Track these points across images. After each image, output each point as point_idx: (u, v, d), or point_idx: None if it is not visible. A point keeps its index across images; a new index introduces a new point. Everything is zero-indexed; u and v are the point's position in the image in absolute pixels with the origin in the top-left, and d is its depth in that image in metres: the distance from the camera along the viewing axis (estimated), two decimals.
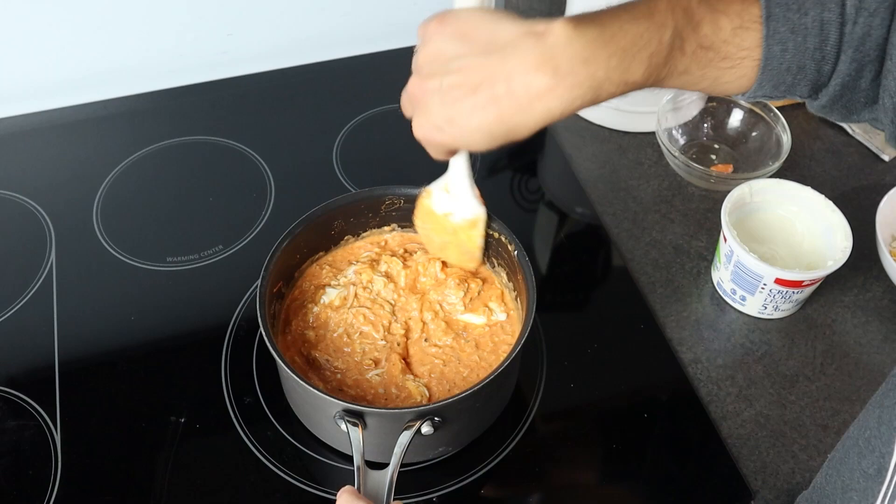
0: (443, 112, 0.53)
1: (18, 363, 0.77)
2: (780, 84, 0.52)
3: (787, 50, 0.50)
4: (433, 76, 0.54)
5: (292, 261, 0.75)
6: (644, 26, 0.49)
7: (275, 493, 0.69)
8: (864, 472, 0.46)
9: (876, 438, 0.46)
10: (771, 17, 0.50)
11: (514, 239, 0.71)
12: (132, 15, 0.98)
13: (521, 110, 0.50)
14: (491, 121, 0.52)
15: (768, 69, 0.51)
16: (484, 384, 0.62)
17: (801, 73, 0.51)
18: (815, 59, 0.51)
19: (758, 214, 0.84)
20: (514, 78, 0.50)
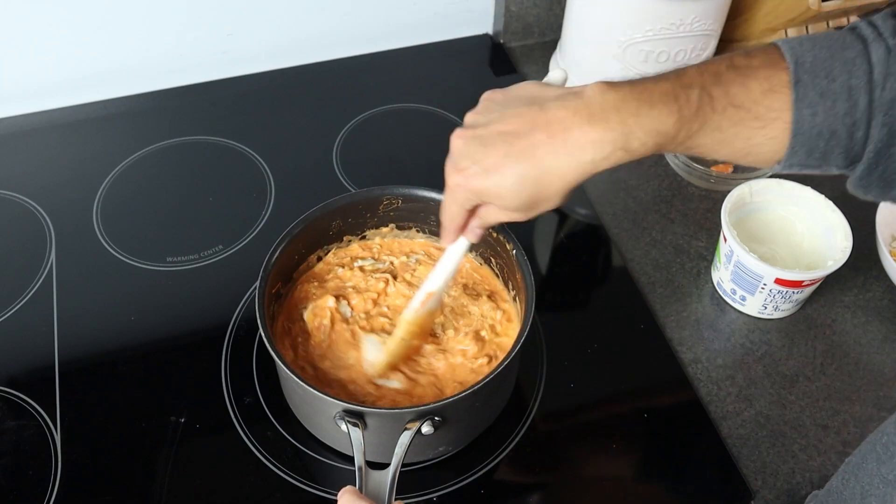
0: (485, 155, 0.56)
1: (18, 363, 0.77)
2: (814, 150, 0.51)
3: (816, 114, 0.50)
4: (478, 126, 0.58)
5: (291, 261, 0.75)
6: (672, 83, 0.53)
7: (275, 493, 0.69)
8: (884, 478, 0.47)
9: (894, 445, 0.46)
10: (799, 82, 0.50)
11: (513, 238, 0.71)
12: (132, 15, 0.98)
13: (557, 154, 0.54)
14: (525, 167, 0.54)
15: (800, 133, 0.51)
16: (483, 383, 0.62)
17: (833, 139, 0.50)
18: (846, 125, 0.50)
19: (758, 214, 0.84)
20: (552, 125, 0.54)
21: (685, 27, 0.90)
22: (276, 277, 0.72)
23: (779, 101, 0.51)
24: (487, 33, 1.15)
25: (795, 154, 0.52)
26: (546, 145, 0.54)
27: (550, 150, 0.54)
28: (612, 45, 0.93)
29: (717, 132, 0.52)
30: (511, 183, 0.55)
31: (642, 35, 0.91)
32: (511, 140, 0.55)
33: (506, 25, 1.11)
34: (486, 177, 0.56)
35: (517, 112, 0.56)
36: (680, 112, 0.52)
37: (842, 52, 0.50)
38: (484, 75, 1.11)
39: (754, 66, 0.52)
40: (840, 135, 0.50)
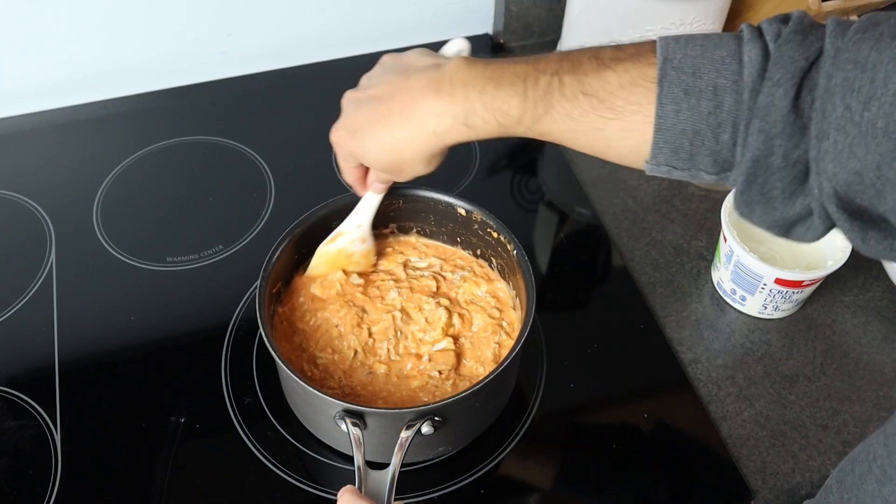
0: (353, 118, 0.62)
1: (18, 363, 0.77)
2: (679, 149, 0.50)
3: (680, 111, 0.49)
4: (361, 88, 0.63)
5: (292, 261, 0.75)
6: (527, 66, 0.54)
7: (275, 493, 0.69)
8: (887, 500, 0.46)
9: (890, 467, 0.46)
10: (665, 77, 0.49)
11: (514, 239, 0.71)
12: (132, 15, 0.98)
13: (405, 123, 0.57)
14: (379, 133, 0.59)
15: (663, 129, 0.50)
16: (484, 383, 0.62)
17: (697, 139, 0.49)
18: (710, 125, 0.49)
19: None
20: (406, 93, 0.57)
21: (685, 27, 0.90)
22: (277, 277, 0.72)
23: (637, 95, 0.50)
24: (487, 33, 1.15)
25: (660, 151, 0.51)
26: (397, 114, 0.58)
27: (400, 120, 0.58)
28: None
29: (568, 120, 0.52)
30: (370, 147, 0.61)
31: (642, 35, 0.91)
32: (375, 105, 0.60)
33: (506, 25, 1.11)
34: (351, 139, 0.62)
35: (388, 79, 0.60)
36: (525, 94, 0.52)
37: (713, 51, 0.49)
38: None
39: (619, 58, 0.51)
40: (705, 135, 0.49)
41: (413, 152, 0.59)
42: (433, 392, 0.69)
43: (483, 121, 0.54)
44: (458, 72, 0.55)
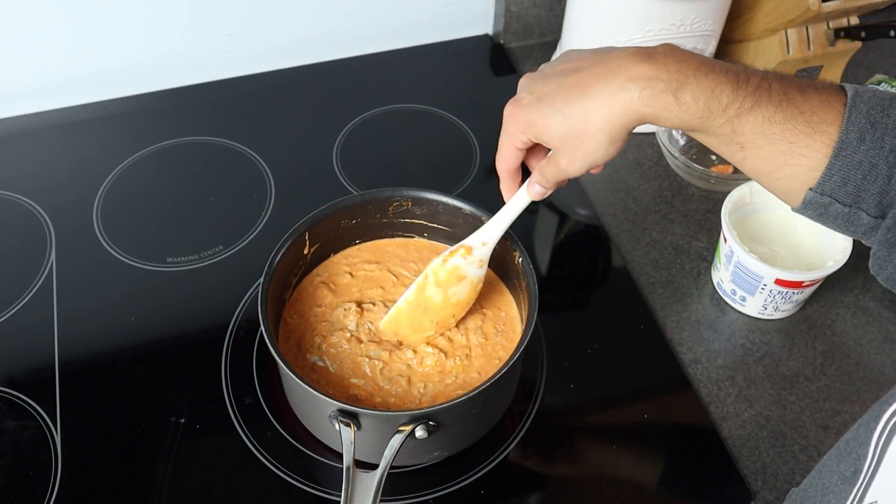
0: (541, 86, 0.58)
1: (18, 363, 0.77)
2: (849, 181, 0.50)
3: (863, 140, 0.49)
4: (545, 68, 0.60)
5: (296, 260, 0.74)
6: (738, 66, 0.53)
7: (275, 493, 0.69)
8: (842, 475, 0.46)
9: (854, 440, 0.46)
10: (854, 107, 0.50)
11: (520, 246, 0.71)
12: (132, 15, 0.98)
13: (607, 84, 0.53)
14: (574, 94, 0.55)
15: (842, 153, 0.50)
16: (480, 390, 0.62)
17: (871, 174, 0.50)
18: (889, 163, 0.49)
19: (758, 215, 0.84)
20: (611, 61, 0.54)
21: (685, 27, 0.90)
22: (281, 275, 0.71)
23: (831, 115, 0.51)
24: (487, 34, 1.15)
25: (830, 178, 0.51)
26: (600, 77, 0.54)
27: (603, 80, 0.54)
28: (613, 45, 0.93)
29: (767, 123, 0.52)
30: (557, 109, 0.56)
31: (642, 35, 0.91)
32: (569, 74, 0.56)
33: (506, 26, 1.11)
34: (536, 104, 0.57)
35: (583, 55, 0.57)
36: (737, 84, 0.52)
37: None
38: (484, 76, 1.11)
39: (817, 84, 0.52)
40: (880, 171, 0.50)
41: (604, 116, 0.54)
42: (433, 395, 0.69)
43: (693, 97, 0.51)
44: (671, 49, 0.53)
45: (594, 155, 0.57)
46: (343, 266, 0.78)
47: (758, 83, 0.52)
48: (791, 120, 0.51)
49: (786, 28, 0.97)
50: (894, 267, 0.52)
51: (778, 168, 0.53)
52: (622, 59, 0.53)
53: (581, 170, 0.58)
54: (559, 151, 0.58)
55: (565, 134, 0.56)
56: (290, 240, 0.71)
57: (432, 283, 0.70)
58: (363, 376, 0.70)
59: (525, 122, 0.58)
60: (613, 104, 0.53)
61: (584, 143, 0.56)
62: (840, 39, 0.99)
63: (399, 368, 0.70)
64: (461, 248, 0.69)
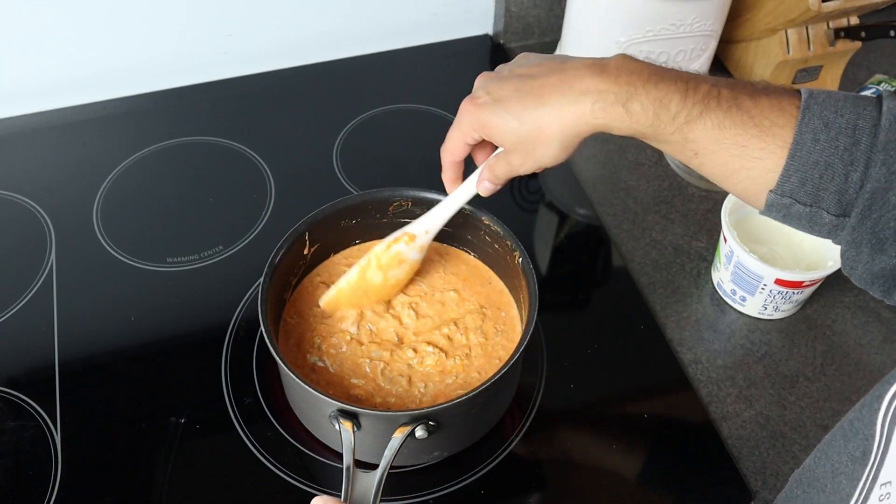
0: (498, 88, 0.60)
1: (18, 363, 0.77)
2: (807, 180, 0.51)
3: (818, 141, 0.50)
4: (499, 71, 0.62)
5: (297, 259, 0.74)
6: (687, 74, 0.55)
7: (275, 493, 0.69)
8: (851, 455, 0.47)
9: (859, 421, 0.47)
10: (808, 108, 0.51)
11: (520, 247, 0.71)
12: (133, 15, 0.98)
13: (561, 96, 0.56)
14: (529, 101, 0.58)
15: (797, 155, 0.51)
16: (480, 390, 0.62)
17: (828, 173, 0.51)
18: (844, 161, 0.50)
19: (758, 215, 0.84)
20: (567, 72, 0.57)
21: (685, 27, 0.90)
22: (281, 275, 0.71)
23: (783, 118, 0.52)
24: (487, 34, 1.15)
25: (788, 179, 0.52)
26: (554, 86, 0.57)
27: (557, 91, 0.56)
28: (612, 45, 0.93)
29: (717, 129, 0.53)
30: (510, 118, 0.59)
31: (642, 35, 0.91)
32: (525, 79, 0.59)
33: (506, 26, 1.11)
34: (492, 106, 0.59)
35: (540, 62, 0.60)
36: (686, 93, 0.53)
37: (855, 99, 0.51)
38: None
39: (770, 89, 0.54)
40: (836, 170, 0.50)
41: (558, 127, 0.57)
42: (433, 395, 0.69)
43: (642, 107, 0.54)
44: (624, 61, 0.56)
45: (545, 159, 0.60)
46: (343, 266, 0.78)
47: (707, 90, 0.54)
48: (741, 125, 0.53)
49: (786, 28, 0.97)
50: (864, 266, 0.53)
51: (734, 172, 0.54)
52: (577, 71, 0.56)
53: (531, 170, 0.62)
54: (511, 153, 0.61)
55: (519, 139, 0.59)
56: (290, 240, 0.71)
57: (374, 267, 0.72)
58: (363, 376, 0.70)
59: (479, 122, 0.61)
60: (567, 116, 0.56)
61: (536, 148, 0.59)
62: (840, 39, 0.99)
63: (400, 368, 0.70)
64: (405, 236, 0.72)
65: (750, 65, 1.03)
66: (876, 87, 1.00)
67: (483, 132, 0.61)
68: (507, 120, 0.59)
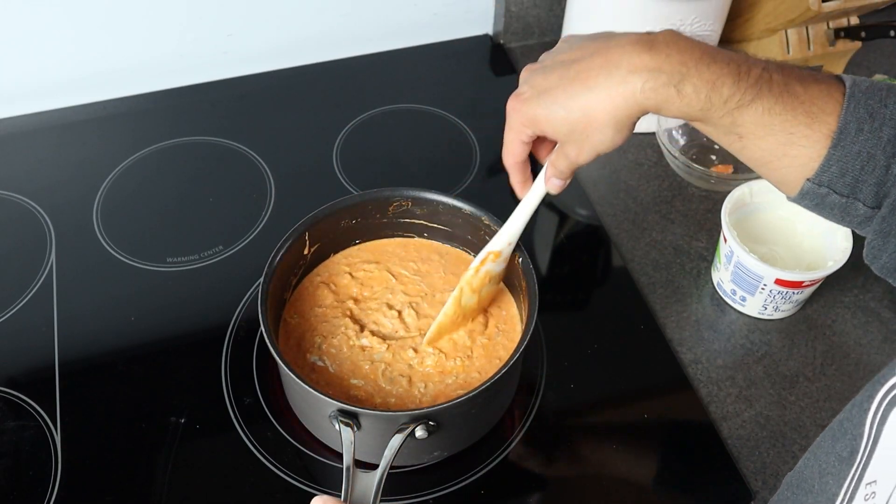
0: (542, 80, 0.57)
1: (18, 363, 0.77)
2: (847, 171, 0.51)
3: (861, 131, 0.50)
4: (542, 61, 0.59)
5: (297, 259, 0.74)
6: (740, 55, 0.53)
7: (275, 493, 0.69)
8: (839, 456, 0.47)
9: (848, 421, 0.47)
10: (853, 97, 0.50)
11: (520, 246, 0.71)
12: (133, 15, 0.98)
13: (609, 76, 0.53)
14: (576, 87, 0.54)
15: (840, 145, 0.50)
16: (480, 390, 0.62)
17: (869, 165, 0.50)
18: (887, 153, 0.49)
19: (758, 215, 0.84)
20: (612, 50, 0.53)
21: (685, 27, 0.90)
22: (281, 275, 0.71)
23: (831, 105, 0.51)
24: (487, 34, 1.15)
25: (829, 168, 0.51)
26: (600, 68, 0.54)
27: (604, 72, 0.53)
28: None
29: (768, 115, 0.51)
30: (560, 104, 0.56)
31: None
32: (569, 65, 0.56)
33: (506, 26, 1.11)
34: (538, 99, 0.57)
35: (583, 44, 0.56)
36: (738, 76, 0.51)
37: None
38: (484, 76, 1.11)
39: (818, 75, 0.52)
40: (877, 161, 0.50)
41: (608, 110, 0.54)
42: (434, 395, 0.69)
43: (694, 90, 0.51)
44: (673, 37, 0.52)
45: (602, 145, 0.57)
46: (343, 266, 0.78)
47: (759, 74, 0.52)
48: (791, 111, 0.51)
49: (786, 28, 0.97)
50: (888, 256, 0.52)
51: (777, 158, 0.53)
52: (623, 49, 0.53)
53: (591, 158, 0.59)
54: (566, 144, 0.59)
55: (570, 129, 0.56)
56: (290, 240, 0.71)
57: (468, 293, 0.71)
58: (363, 377, 0.70)
59: (529, 118, 0.58)
60: (615, 97, 0.53)
61: (589, 136, 0.56)
62: (840, 39, 0.99)
63: (400, 369, 0.70)
64: (490, 255, 0.70)
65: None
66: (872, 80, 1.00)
67: (534, 127, 0.59)
68: (555, 111, 0.56)
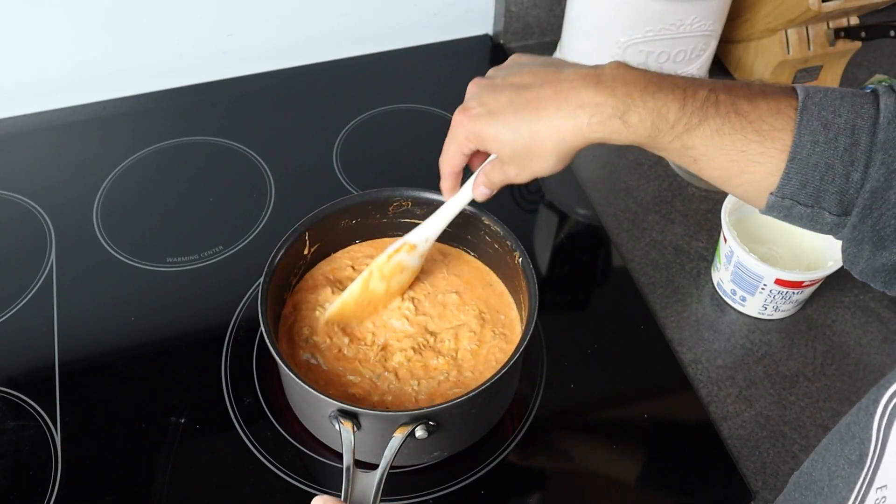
0: (493, 100, 0.60)
1: (18, 363, 0.77)
2: (808, 182, 0.51)
3: (817, 142, 0.50)
4: (496, 77, 0.61)
5: (297, 259, 0.74)
6: (685, 80, 0.55)
7: (275, 493, 0.69)
8: (848, 459, 0.47)
9: (855, 425, 0.47)
10: (806, 109, 0.51)
11: (520, 247, 0.71)
12: (133, 15, 0.98)
13: (558, 109, 0.56)
14: (525, 114, 0.57)
15: (797, 158, 0.51)
16: (480, 390, 0.62)
17: (829, 174, 0.50)
18: (844, 162, 0.50)
19: (758, 215, 0.84)
20: (561, 83, 0.56)
21: (685, 27, 0.90)
22: (281, 275, 0.71)
23: (782, 122, 0.52)
24: (487, 34, 1.15)
25: (789, 182, 0.52)
26: (550, 99, 0.56)
27: (553, 104, 0.56)
28: (612, 45, 0.93)
29: (717, 136, 0.53)
30: (509, 128, 0.58)
31: (642, 35, 0.91)
32: (520, 90, 0.58)
33: (506, 26, 1.11)
34: (487, 118, 0.59)
35: (534, 70, 0.59)
36: (684, 101, 0.53)
37: (851, 97, 0.51)
38: None
39: (767, 91, 0.53)
40: (837, 171, 0.50)
41: (555, 141, 0.57)
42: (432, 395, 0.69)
43: (640, 119, 0.54)
44: (619, 70, 0.55)
45: (543, 171, 0.60)
46: (346, 261, 0.78)
47: (705, 96, 0.53)
48: (740, 130, 0.52)
49: (786, 28, 0.97)
50: (865, 262, 0.53)
51: (734, 176, 0.54)
52: (572, 83, 0.56)
53: (527, 180, 0.62)
54: (508, 164, 0.61)
55: (515, 151, 0.59)
56: (290, 240, 0.71)
57: (377, 278, 0.72)
58: (359, 373, 0.70)
59: (474, 134, 0.61)
60: (563, 130, 0.56)
61: (532, 160, 0.59)
62: (840, 39, 0.99)
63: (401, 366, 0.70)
64: (405, 245, 0.71)
65: (750, 65, 1.03)
66: (876, 86, 1.00)
67: (478, 143, 0.61)
68: (503, 133, 0.59)
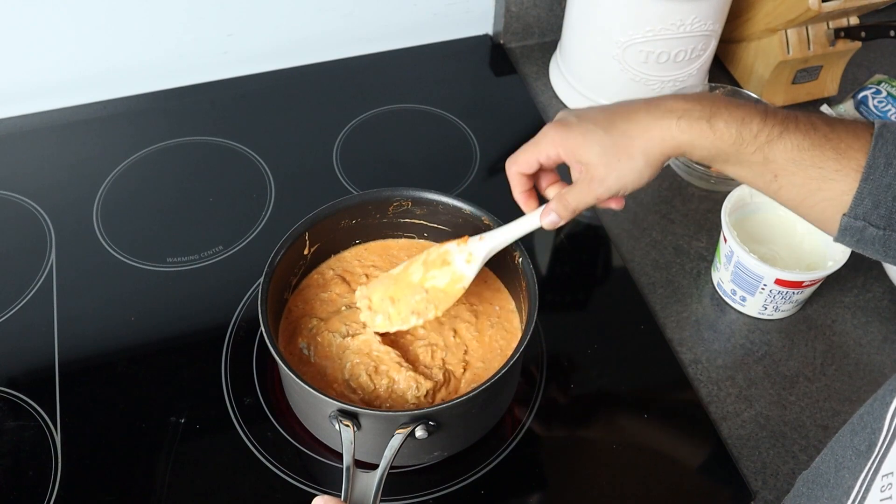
0: (581, 112, 0.62)
1: (18, 363, 0.77)
2: (881, 203, 0.52)
3: (891, 165, 0.52)
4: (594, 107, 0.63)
5: (296, 259, 0.74)
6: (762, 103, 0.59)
7: (275, 493, 0.69)
8: (856, 449, 0.47)
9: (868, 415, 0.47)
10: (881, 135, 0.53)
11: (520, 246, 0.71)
12: (132, 15, 0.98)
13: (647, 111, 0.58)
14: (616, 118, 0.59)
15: (871, 178, 0.52)
16: (480, 390, 0.62)
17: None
18: None
19: (758, 215, 0.84)
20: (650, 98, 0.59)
21: (685, 27, 0.90)
22: (281, 275, 0.71)
23: (858, 143, 0.53)
24: (487, 34, 1.15)
25: (862, 202, 0.53)
26: (640, 107, 0.59)
27: (643, 109, 0.59)
28: (612, 45, 0.93)
29: (796, 150, 0.54)
30: (599, 125, 0.60)
31: (642, 35, 0.91)
32: (613, 106, 0.61)
33: (506, 26, 1.11)
34: (578, 122, 0.60)
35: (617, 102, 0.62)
36: (766, 115, 0.56)
37: None
38: (484, 76, 1.11)
39: (844, 118, 0.56)
40: None
41: (644, 141, 0.58)
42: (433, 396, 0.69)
43: (725, 124, 0.56)
44: (704, 92, 0.61)
45: (628, 176, 0.60)
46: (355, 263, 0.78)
47: (785, 115, 0.56)
48: (819, 146, 0.54)
49: (786, 28, 0.97)
50: None
51: (811, 194, 0.55)
52: (661, 97, 0.59)
53: (610, 190, 0.61)
54: (593, 168, 0.60)
55: (604, 150, 0.59)
56: (290, 240, 0.71)
57: (420, 262, 0.71)
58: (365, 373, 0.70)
59: (563, 136, 0.61)
60: (653, 129, 0.58)
61: (621, 161, 0.59)
62: (840, 39, 0.99)
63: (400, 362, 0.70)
64: (460, 241, 0.70)
65: (750, 65, 1.03)
66: (876, 86, 1.00)
67: (564, 146, 0.61)
68: (593, 131, 0.59)
